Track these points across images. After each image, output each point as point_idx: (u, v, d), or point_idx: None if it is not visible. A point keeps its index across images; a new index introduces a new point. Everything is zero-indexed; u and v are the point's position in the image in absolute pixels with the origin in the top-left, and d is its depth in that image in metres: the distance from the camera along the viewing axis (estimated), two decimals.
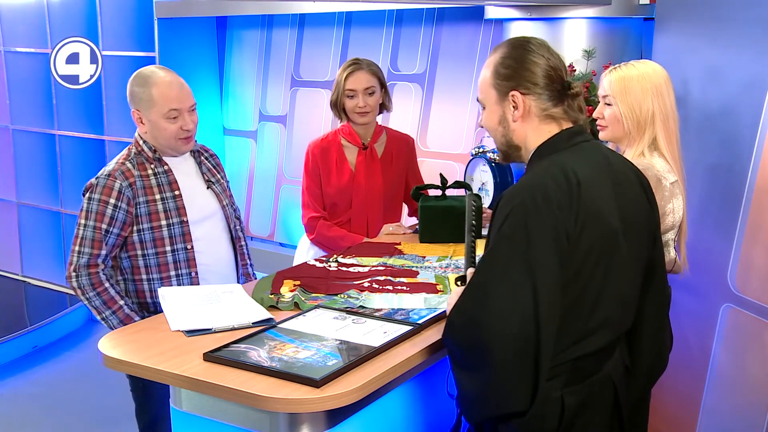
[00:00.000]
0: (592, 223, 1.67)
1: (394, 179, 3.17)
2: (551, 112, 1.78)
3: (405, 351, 1.89)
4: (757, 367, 2.61)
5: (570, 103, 1.79)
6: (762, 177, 2.57)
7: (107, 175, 2.46)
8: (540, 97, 1.76)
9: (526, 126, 1.79)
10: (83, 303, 2.46)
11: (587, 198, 1.67)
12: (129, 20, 4.90)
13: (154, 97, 2.47)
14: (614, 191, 1.74)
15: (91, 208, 2.43)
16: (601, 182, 1.72)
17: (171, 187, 2.52)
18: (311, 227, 3.11)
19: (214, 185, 2.64)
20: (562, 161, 1.71)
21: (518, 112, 1.78)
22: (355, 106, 3.03)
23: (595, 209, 1.68)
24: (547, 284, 1.62)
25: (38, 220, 5.71)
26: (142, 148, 2.54)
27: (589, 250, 1.67)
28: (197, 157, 2.66)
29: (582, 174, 1.68)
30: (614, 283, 1.72)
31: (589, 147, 1.79)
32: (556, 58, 1.79)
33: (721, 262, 2.70)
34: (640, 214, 1.80)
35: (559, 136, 1.77)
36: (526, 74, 1.76)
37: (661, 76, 2.38)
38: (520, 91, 1.77)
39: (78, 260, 2.42)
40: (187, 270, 2.53)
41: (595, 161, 1.76)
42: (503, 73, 1.78)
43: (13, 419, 4.03)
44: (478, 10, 3.83)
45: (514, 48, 1.80)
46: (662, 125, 2.35)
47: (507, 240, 1.65)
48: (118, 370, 1.92)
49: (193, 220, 2.54)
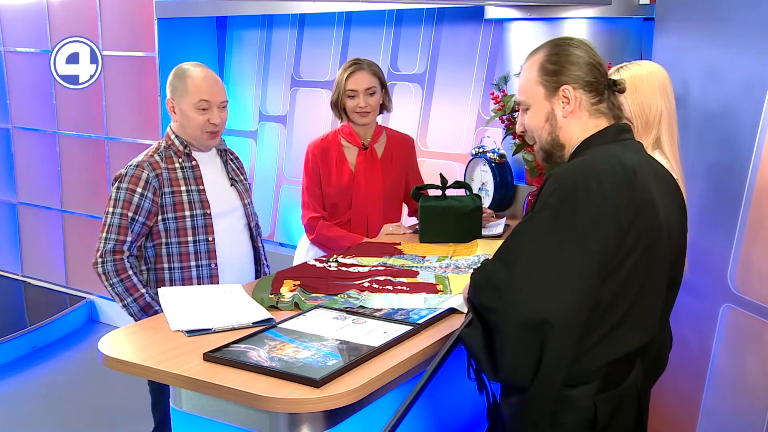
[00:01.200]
0: (645, 212, 1.65)
1: (394, 179, 3.17)
2: (599, 108, 1.79)
3: (405, 351, 1.89)
4: (757, 367, 2.61)
5: (613, 101, 1.80)
6: (762, 177, 2.57)
7: (136, 165, 2.56)
8: (591, 92, 1.78)
9: (575, 121, 1.79)
10: (107, 290, 2.53)
11: (642, 186, 1.66)
12: (129, 20, 4.89)
13: (188, 87, 2.58)
14: (660, 188, 1.74)
15: (118, 196, 2.52)
16: (651, 176, 1.73)
17: (196, 181, 2.61)
18: (311, 227, 3.11)
19: (237, 183, 2.74)
20: (613, 151, 1.72)
21: (569, 106, 1.78)
22: (355, 106, 3.03)
23: (649, 198, 1.67)
24: (582, 268, 1.58)
25: (38, 220, 5.70)
26: (172, 141, 2.63)
27: (637, 239, 1.64)
28: (223, 156, 2.75)
29: (637, 164, 1.69)
30: (654, 281, 1.70)
31: (636, 144, 1.81)
32: (598, 55, 1.82)
33: (721, 262, 2.70)
34: (676, 218, 1.80)
35: (608, 129, 1.78)
36: (574, 69, 1.77)
37: (665, 76, 2.41)
38: (571, 85, 1.77)
39: (104, 246, 2.50)
40: (207, 261, 2.59)
41: (643, 156, 1.78)
42: (551, 69, 1.79)
43: (13, 419, 4.02)
44: (478, 10, 3.83)
45: (558, 46, 1.81)
46: (667, 124, 2.37)
47: (550, 210, 1.63)
48: (118, 370, 1.92)
49: (216, 213, 2.62)
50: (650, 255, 1.67)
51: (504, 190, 3.43)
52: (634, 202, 1.63)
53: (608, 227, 1.60)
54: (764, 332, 2.57)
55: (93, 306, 5.39)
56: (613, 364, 1.67)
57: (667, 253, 1.74)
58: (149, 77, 4.82)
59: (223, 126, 2.64)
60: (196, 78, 2.58)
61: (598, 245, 1.59)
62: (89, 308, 5.39)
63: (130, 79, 4.96)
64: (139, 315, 2.49)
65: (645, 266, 1.66)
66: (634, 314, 1.67)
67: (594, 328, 1.63)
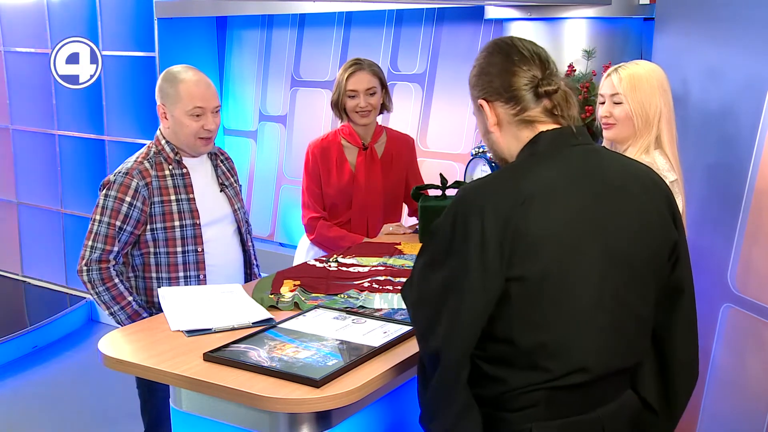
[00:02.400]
0: (540, 243, 1.47)
1: (394, 179, 3.17)
2: (524, 117, 1.59)
3: (405, 351, 1.89)
4: (757, 367, 2.61)
5: (551, 101, 1.59)
6: (762, 177, 2.57)
7: (125, 173, 2.49)
8: (508, 102, 1.60)
9: (505, 134, 1.63)
10: (92, 297, 2.49)
11: (539, 214, 1.48)
12: (129, 20, 4.89)
13: (181, 93, 2.49)
14: (594, 205, 1.53)
15: (106, 204, 2.46)
16: (575, 194, 1.53)
17: (186, 190, 2.55)
18: (311, 227, 3.11)
19: (227, 189, 2.67)
20: (522, 168, 1.56)
21: (489, 121, 1.63)
22: (356, 106, 3.03)
23: (544, 228, 1.48)
24: (469, 289, 1.48)
25: (38, 220, 5.70)
26: (162, 147, 2.56)
27: (541, 273, 1.47)
28: (214, 160, 2.68)
29: (542, 184, 1.51)
30: (590, 311, 1.51)
31: (576, 154, 1.59)
32: (525, 54, 1.60)
33: (721, 262, 2.70)
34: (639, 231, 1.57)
35: (536, 139, 1.59)
36: (487, 80, 1.62)
37: (663, 75, 2.42)
38: (486, 99, 1.63)
39: (90, 255, 2.45)
40: (196, 272, 2.55)
41: (575, 170, 1.56)
42: (471, 83, 1.67)
43: (13, 419, 4.03)
44: (478, 10, 3.83)
45: (481, 53, 1.67)
46: (666, 123, 2.38)
47: (439, 232, 1.56)
48: (118, 370, 1.92)
49: (205, 223, 2.56)
50: (568, 290, 1.49)
51: None
52: (520, 231, 1.46)
53: (488, 254, 1.47)
54: (764, 332, 2.57)
55: (93, 306, 5.39)
56: (555, 391, 1.52)
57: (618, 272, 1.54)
58: (149, 77, 4.82)
59: (216, 131, 2.56)
60: (188, 83, 2.50)
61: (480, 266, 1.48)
62: (89, 308, 5.39)
63: (130, 79, 4.96)
64: (126, 323, 2.42)
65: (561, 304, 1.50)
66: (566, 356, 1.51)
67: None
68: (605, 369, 1.56)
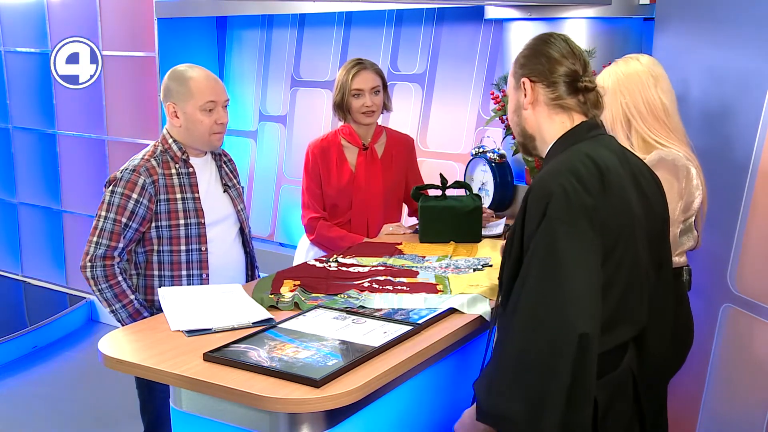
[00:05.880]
0: (621, 210, 1.70)
1: (395, 179, 3.17)
2: (561, 103, 1.81)
3: (405, 351, 1.89)
4: (757, 367, 2.61)
5: (584, 97, 1.82)
6: (762, 177, 2.57)
7: (132, 170, 2.49)
8: (550, 86, 1.81)
9: (537, 114, 1.84)
10: (94, 294, 2.49)
11: (616, 184, 1.70)
12: (129, 20, 4.89)
13: (192, 89, 2.50)
14: (634, 182, 1.79)
15: (113, 201, 2.46)
16: (624, 172, 1.76)
17: (192, 189, 2.55)
18: (311, 228, 3.11)
19: (230, 189, 2.68)
20: (586, 149, 1.74)
21: (526, 99, 1.84)
22: (361, 105, 3.03)
23: (624, 196, 1.72)
24: (597, 271, 1.63)
25: (38, 220, 5.70)
26: (169, 146, 2.56)
27: (617, 238, 1.68)
28: (218, 161, 2.69)
29: (609, 161, 1.72)
30: (636, 276, 1.74)
31: (608, 139, 1.84)
32: (574, 51, 1.83)
33: (721, 262, 2.70)
34: (655, 209, 1.84)
35: (579, 127, 1.81)
36: (536, 63, 1.82)
37: (661, 69, 2.40)
38: (530, 78, 1.83)
39: (95, 251, 2.44)
40: (199, 271, 2.55)
41: (616, 152, 1.80)
42: (520, 62, 1.87)
43: (13, 419, 4.02)
44: (478, 10, 3.83)
45: (535, 39, 1.87)
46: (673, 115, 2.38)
47: (557, 221, 1.62)
48: (118, 370, 1.92)
49: (209, 222, 2.57)
50: (632, 251, 1.72)
51: (504, 190, 3.42)
52: (610, 200, 1.67)
53: (596, 228, 1.64)
54: (764, 332, 2.57)
55: (93, 306, 5.39)
56: (603, 355, 1.67)
57: (644, 244, 1.77)
58: (149, 77, 4.82)
59: (227, 125, 2.59)
60: (198, 79, 2.52)
61: (598, 243, 1.65)
62: (89, 308, 5.39)
63: (130, 79, 4.96)
64: (126, 321, 2.43)
65: (628, 263, 1.71)
66: (620, 311, 1.71)
67: None
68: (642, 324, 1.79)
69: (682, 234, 2.38)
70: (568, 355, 1.56)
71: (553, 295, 1.60)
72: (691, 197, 2.33)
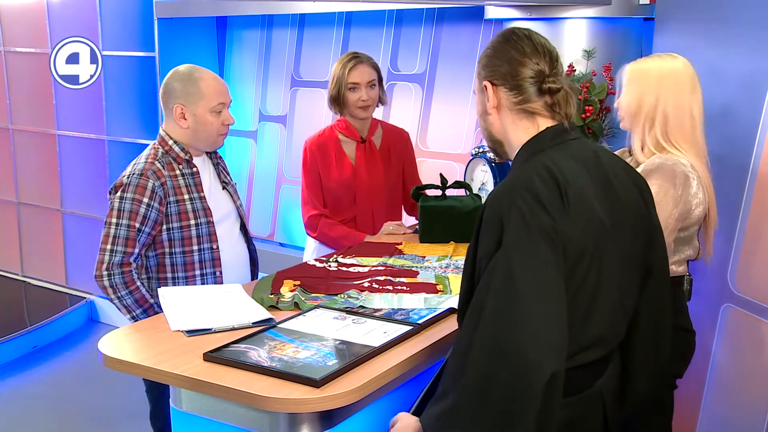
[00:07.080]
0: (585, 224, 1.56)
1: (395, 171, 3.19)
2: (525, 107, 1.68)
3: (405, 351, 1.89)
4: (757, 367, 2.61)
5: (552, 98, 1.67)
6: (762, 177, 2.57)
7: (139, 174, 2.46)
8: (512, 90, 1.68)
9: (502, 119, 1.71)
10: (113, 302, 2.46)
11: (578, 198, 1.57)
12: (129, 20, 4.89)
13: (203, 90, 2.49)
14: (603, 190, 1.64)
15: (123, 207, 2.43)
16: (590, 180, 1.62)
17: (197, 188, 2.55)
18: (312, 225, 3.11)
19: (227, 186, 2.69)
20: (546, 160, 1.61)
21: (490, 103, 1.71)
22: (358, 99, 3.04)
23: (588, 209, 1.58)
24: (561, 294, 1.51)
25: (38, 220, 5.70)
26: (170, 147, 2.55)
27: (582, 252, 1.56)
28: (213, 159, 2.69)
29: (569, 172, 1.59)
30: (606, 291, 1.61)
31: (577, 144, 1.69)
32: (538, 48, 1.68)
33: (721, 262, 2.70)
34: (630, 215, 1.69)
35: (543, 134, 1.67)
36: (498, 65, 1.69)
37: (680, 71, 2.34)
38: (492, 81, 1.70)
39: (111, 259, 2.42)
40: (212, 269, 2.55)
41: (583, 158, 1.65)
42: (482, 63, 1.73)
43: (13, 419, 4.03)
44: (478, 10, 3.83)
45: (498, 37, 1.73)
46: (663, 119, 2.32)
47: (514, 248, 1.50)
48: (118, 370, 1.92)
49: (216, 220, 2.58)
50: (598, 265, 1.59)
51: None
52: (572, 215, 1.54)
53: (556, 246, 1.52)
54: (764, 332, 2.57)
55: (93, 306, 5.39)
56: (571, 371, 1.55)
57: (622, 255, 1.65)
58: (149, 77, 4.82)
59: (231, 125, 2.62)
60: (208, 80, 2.51)
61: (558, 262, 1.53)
62: (89, 308, 5.39)
63: (130, 79, 4.96)
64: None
65: (594, 278, 1.59)
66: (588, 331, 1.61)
67: None
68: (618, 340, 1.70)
69: (680, 243, 2.30)
70: (534, 403, 1.43)
71: (514, 332, 1.46)
72: (688, 205, 2.23)
